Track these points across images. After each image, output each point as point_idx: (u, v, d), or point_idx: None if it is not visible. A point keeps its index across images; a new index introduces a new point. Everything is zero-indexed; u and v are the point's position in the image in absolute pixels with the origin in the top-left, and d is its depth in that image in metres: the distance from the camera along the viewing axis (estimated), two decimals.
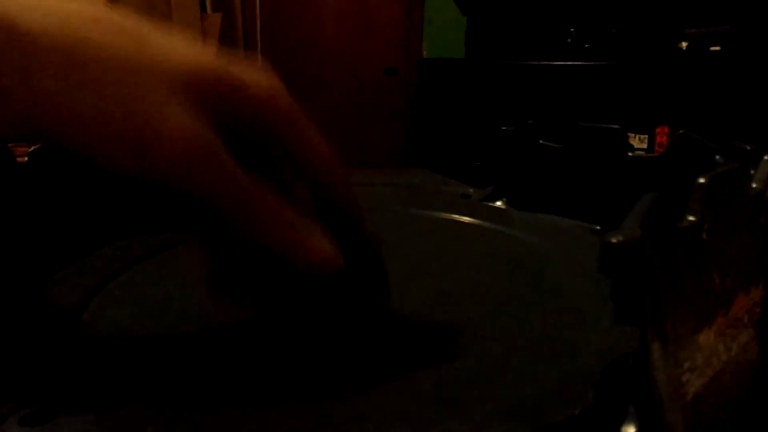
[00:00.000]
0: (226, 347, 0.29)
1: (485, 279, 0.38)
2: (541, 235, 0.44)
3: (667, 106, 1.20)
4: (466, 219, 0.49)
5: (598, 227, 0.41)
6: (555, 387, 0.25)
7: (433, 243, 0.41)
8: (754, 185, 0.24)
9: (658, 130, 1.19)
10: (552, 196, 0.48)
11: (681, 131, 0.34)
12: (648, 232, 0.18)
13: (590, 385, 0.23)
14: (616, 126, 0.43)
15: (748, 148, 0.27)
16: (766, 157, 0.25)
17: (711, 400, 0.24)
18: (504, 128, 0.49)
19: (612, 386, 0.23)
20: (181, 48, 0.23)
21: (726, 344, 0.26)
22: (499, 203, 0.52)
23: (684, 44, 1.23)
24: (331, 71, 2.32)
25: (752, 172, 0.25)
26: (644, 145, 1.22)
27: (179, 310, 0.33)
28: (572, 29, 1.37)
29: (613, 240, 0.17)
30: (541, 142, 0.48)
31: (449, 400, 0.25)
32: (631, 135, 1.23)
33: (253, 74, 0.24)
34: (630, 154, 0.43)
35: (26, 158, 0.39)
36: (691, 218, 0.19)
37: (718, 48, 1.19)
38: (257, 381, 0.26)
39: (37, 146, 0.40)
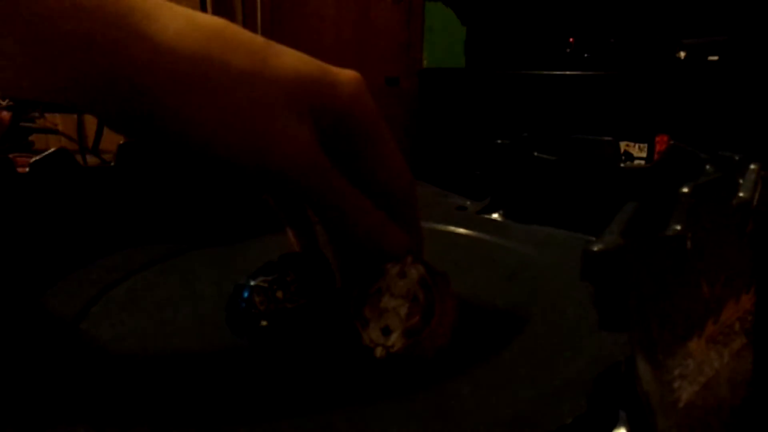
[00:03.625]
0: (225, 358, 0.29)
1: (480, 290, 0.38)
2: (536, 246, 0.45)
3: (666, 115, 1.20)
4: (462, 231, 0.49)
5: (594, 238, 0.41)
6: (548, 396, 0.25)
7: (429, 254, 0.41)
8: (740, 194, 0.24)
9: (657, 138, 1.19)
10: (548, 208, 0.48)
11: (672, 142, 0.34)
12: (631, 241, 0.18)
13: (583, 393, 0.23)
14: (609, 138, 0.43)
15: (737, 157, 0.27)
16: (752, 166, 0.25)
17: (704, 407, 0.24)
18: (499, 141, 0.50)
19: (604, 394, 0.23)
20: (290, 60, 0.26)
21: (718, 351, 0.26)
22: (495, 215, 0.53)
23: (682, 54, 1.23)
24: None
25: (740, 181, 0.25)
26: (644, 154, 1.23)
27: (178, 321, 0.33)
28: (571, 39, 1.37)
29: (594, 249, 0.17)
30: (535, 154, 0.48)
31: (442, 410, 0.25)
32: (631, 144, 1.24)
33: (344, 72, 0.27)
34: (623, 164, 0.43)
35: (27, 168, 0.40)
36: (675, 227, 0.19)
37: (716, 57, 1.20)
38: (255, 392, 0.26)
39: (38, 157, 0.41)
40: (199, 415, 0.24)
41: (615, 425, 0.23)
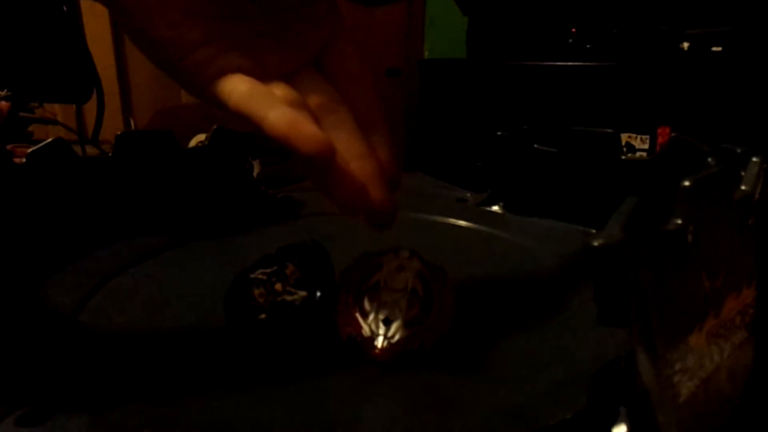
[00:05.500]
0: (220, 349, 0.29)
1: (480, 283, 0.38)
2: (536, 239, 0.44)
3: (668, 107, 1.19)
4: (462, 223, 0.49)
5: (594, 231, 0.41)
6: (549, 391, 0.25)
7: (430, 247, 0.41)
8: (743, 187, 0.24)
9: (659, 130, 1.18)
10: (548, 200, 0.48)
11: (673, 134, 0.34)
12: (632, 235, 0.18)
13: (583, 388, 0.23)
14: (610, 130, 0.43)
15: (739, 150, 0.27)
16: (755, 159, 0.25)
17: (705, 401, 0.24)
18: (499, 133, 0.50)
19: (604, 389, 0.23)
20: None
21: (719, 346, 0.26)
22: (495, 207, 0.52)
23: (685, 45, 1.23)
24: None
25: (742, 174, 0.25)
26: (646, 146, 1.22)
27: (177, 313, 0.33)
28: (573, 30, 1.36)
29: (595, 243, 0.17)
30: (536, 146, 0.48)
31: (443, 404, 0.25)
32: (633, 135, 1.23)
33: None
34: (624, 157, 0.43)
35: (24, 159, 0.40)
36: (676, 221, 0.19)
37: (719, 48, 1.19)
38: (253, 385, 0.26)
39: (35, 148, 0.40)
40: (197, 408, 0.24)
41: (615, 420, 0.22)
